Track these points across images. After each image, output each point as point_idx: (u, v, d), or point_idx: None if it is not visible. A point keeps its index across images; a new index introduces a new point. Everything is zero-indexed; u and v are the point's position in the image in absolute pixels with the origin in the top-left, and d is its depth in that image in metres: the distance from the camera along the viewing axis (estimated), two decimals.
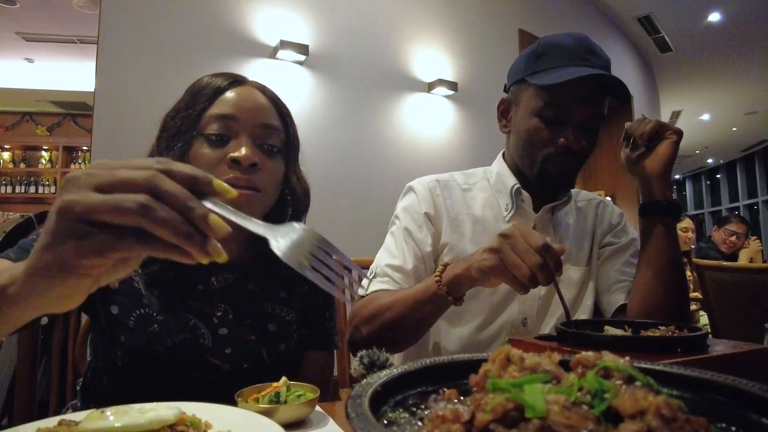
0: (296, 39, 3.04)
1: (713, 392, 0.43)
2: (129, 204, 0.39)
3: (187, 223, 0.40)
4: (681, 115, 8.77)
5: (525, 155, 1.08)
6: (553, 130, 1.03)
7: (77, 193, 0.40)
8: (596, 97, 1.02)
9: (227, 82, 0.88)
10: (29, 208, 4.41)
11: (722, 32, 5.88)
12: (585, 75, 0.96)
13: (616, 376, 0.40)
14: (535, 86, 1.04)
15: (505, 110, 1.16)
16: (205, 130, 0.84)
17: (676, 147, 1.02)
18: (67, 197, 0.39)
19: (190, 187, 0.41)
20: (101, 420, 0.52)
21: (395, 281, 1.06)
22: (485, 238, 1.10)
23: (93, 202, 0.39)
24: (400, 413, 0.45)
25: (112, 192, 0.40)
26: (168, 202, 0.39)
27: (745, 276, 1.98)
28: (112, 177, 0.40)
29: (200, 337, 0.84)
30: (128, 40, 2.58)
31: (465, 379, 0.49)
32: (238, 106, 0.86)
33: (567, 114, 1.02)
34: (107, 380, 0.85)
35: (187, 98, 0.88)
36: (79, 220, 0.39)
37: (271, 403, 0.65)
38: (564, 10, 4.91)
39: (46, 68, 5.71)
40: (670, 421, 0.34)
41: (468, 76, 3.83)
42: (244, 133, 0.85)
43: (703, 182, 14.06)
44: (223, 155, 0.83)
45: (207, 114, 0.85)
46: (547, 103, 1.02)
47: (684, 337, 0.67)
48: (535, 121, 1.04)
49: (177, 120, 0.87)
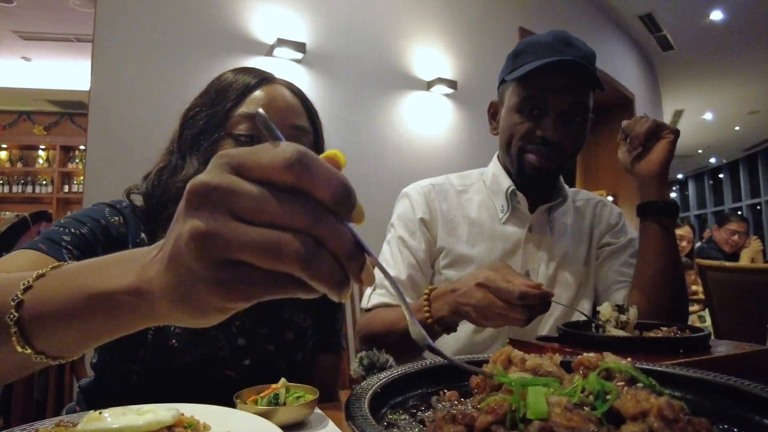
0: (293, 37, 3.02)
1: (715, 393, 0.42)
2: (290, 254, 0.30)
3: (342, 270, 0.32)
4: (683, 114, 8.77)
5: (507, 152, 1.09)
6: (531, 123, 1.03)
7: (218, 220, 0.30)
8: (573, 87, 1.01)
9: (256, 80, 0.85)
10: (26, 208, 4.38)
11: (724, 30, 5.88)
12: (551, 61, 0.96)
13: (618, 378, 0.40)
14: (513, 83, 1.05)
15: (494, 113, 1.17)
16: (234, 130, 0.82)
17: (673, 146, 1.01)
18: (206, 226, 0.30)
19: (335, 206, 0.31)
20: (99, 421, 0.52)
21: (392, 293, 1.07)
22: (481, 240, 1.10)
23: (243, 242, 0.30)
24: (400, 415, 0.44)
25: (258, 219, 0.30)
26: (330, 248, 0.31)
27: (747, 276, 1.98)
28: (264, 209, 0.30)
29: (219, 350, 0.81)
30: (124, 38, 2.56)
31: (465, 381, 0.49)
32: (269, 106, 0.83)
33: (543, 105, 1.02)
34: (118, 389, 0.82)
35: (213, 95, 0.85)
36: (222, 257, 0.30)
37: (270, 404, 0.64)
38: (565, 7, 4.90)
39: (44, 67, 5.69)
40: (672, 423, 0.34)
41: (468, 74, 3.82)
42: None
43: (705, 182, 14.02)
44: None
45: (235, 113, 0.82)
46: (524, 97, 1.03)
47: (686, 338, 0.67)
48: (516, 116, 1.05)
49: (201, 117, 0.83)
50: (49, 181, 6.17)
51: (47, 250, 0.70)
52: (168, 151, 0.87)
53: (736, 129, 9.95)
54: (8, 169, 6.21)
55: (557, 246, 1.12)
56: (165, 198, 0.81)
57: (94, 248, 0.75)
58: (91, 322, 0.38)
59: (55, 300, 0.39)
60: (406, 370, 0.50)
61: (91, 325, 0.38)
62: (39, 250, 0.69)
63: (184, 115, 0.87)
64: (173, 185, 0.80)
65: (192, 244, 0.30)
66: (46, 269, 0.41)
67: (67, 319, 0.38)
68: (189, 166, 0.81)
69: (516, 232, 1.11)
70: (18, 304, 0.39)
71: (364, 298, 1.12)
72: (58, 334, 0.39)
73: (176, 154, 0.84)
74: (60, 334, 0.39)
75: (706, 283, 2.00)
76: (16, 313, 0.39)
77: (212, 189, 0.30)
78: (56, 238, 0.72)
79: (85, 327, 0.39)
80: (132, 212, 0.83)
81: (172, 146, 0.86)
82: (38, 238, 0.72)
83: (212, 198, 0.30)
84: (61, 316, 0.38)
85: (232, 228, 0.30)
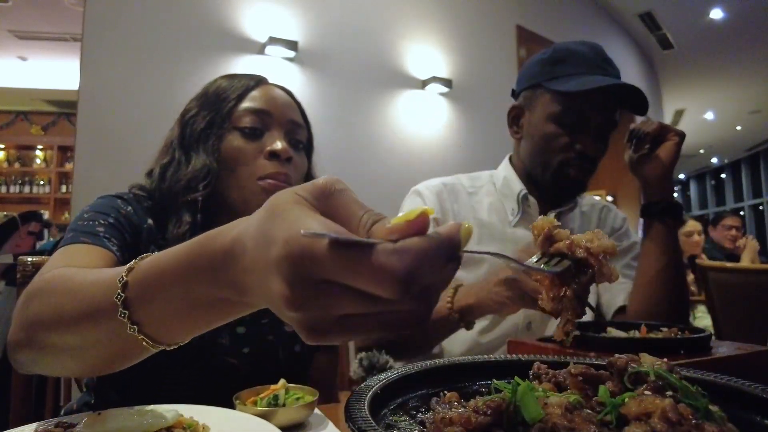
0: (285, 35, 2.99)
1: (716, 394, 0.42)
2: (402, 326, 0.31)
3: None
4: (684, 113, 8.78)
5: (540, 160, 1.09)
6: (570, 136, 1.05)
7: (325, 320, 0.31)
8: (612, 106, 1.05)
9: (254, 81, 0.91)
10: (24, 208, 4.35)
11: (725, 29, 5.88)
12: (610, 84, 0.99)
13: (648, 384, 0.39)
14: (553, 92, 1.05)
15: (516, 116, 1.16)
16: (239, 123, 0.86)
17: (678, 148, 1.03)
18: (313, 325, 0.31)
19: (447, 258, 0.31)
20: (98, 423, 0.52)
21: None
22: (491, 243, 1.10)
23: (351, 328, 0.31)
24: (400, 416, 0.44)
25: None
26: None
27: (749, 277, 1.98)
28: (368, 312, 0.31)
29: (219, 335, 0.83)
30: (114, 36, 2.53)
31: (466, 382, 0.49)
32: (271, 101, 0.89)
33: (584, 120, 1.04)
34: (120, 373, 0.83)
35: (212, 97, 0.90)
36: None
37: (270, 405, 0.64)
38: (563, 6, 4.88)
39: (40, 66, 5.67)
40: (675, 425, 0.33)
41: (463, 72, 3.81)
42: (277, 127, 0.88)
43: (707, 182, 14.02)
44: (258, 148, 0.86)
45: (239, 108, 0.87)
46: (567, 109, 1.04)
47: (687, 338, 0.67)
48: (552, 126, 1.06)
49: (203, 115, 0.88)
50: (47, 182, 6.14)
51: (91, 241, 0.72)
52: (166, 149, 0.90)
53: (738, 129, 9.96)
54: (5, 169, 6.18)
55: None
56: (173, 191, 0.85)
57: (124, 235, 0.79)
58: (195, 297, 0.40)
59: (158, 294, 0.42)
60: (406, 371, 0.50)
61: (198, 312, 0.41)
62: (82, 242, 0.71)
63: (182, 116, 0.91)
64: (182, 178, 0.84)
65: (300, 330, 0.32)
66: (136, 261, 0.44)
67: (171, 298, 0.41)
68: (196, 160, 0.85)
69: (526, 235, 1.12)
70: (124, 285, 0.43)
71: None
72: (163, 313, 0.42)
73: (179, 151, 0.88)
74: (165, 312, 0.42)
75: (707, 284, 2.00)
76: (123, 294, 0.42)
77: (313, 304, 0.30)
78: (92, 230, 0.74)
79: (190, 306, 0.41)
80: (137, 202, 0.86)
81: (171, 145, 0.89)
82: (71, 235, 0.73)
83: (316, 305, 0.30)
84: (166, 297, 0.42)
85: (337, 326, 0.31)
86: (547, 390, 0.42)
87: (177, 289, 0.40)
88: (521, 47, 4.17)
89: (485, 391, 0.44)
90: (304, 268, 0.29)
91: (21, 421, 0.92)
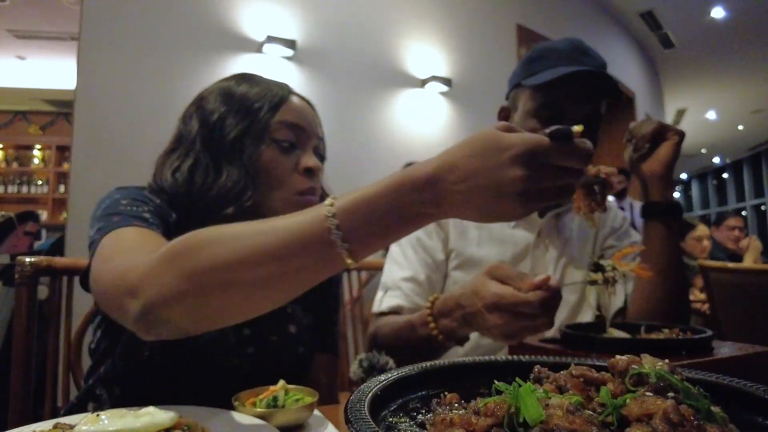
0: (283, 34, 2.99)
1: (718, 395, 0.42)
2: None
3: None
4: (686, 112, 8.78)
5: None
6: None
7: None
8: (590, 96, 1.03)
9: (285, 91, 0.89)
10: (22, 208, 4.33)
11: (726, 28, 5.89)
12: (574, 71, 0.97)
13: (649, 386, 0.39)
14: (530, 89, 1.04)
15: (505, 118, 1.16)
16: (277, 136, 0.85)
17: (678, 148, 1.02)
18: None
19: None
20: (96, 424, 0.51)
21: (407, 294, 1.06)
22: (491, 244, 1.10)
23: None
24: (400, 418, 0.44)
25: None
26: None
27: (751, 278, 1.97)
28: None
29: (225, 336, 0.83)
30: (111, 35, 2.52)
31: (466, 383, 0.49)
32: (303, 116, 0.88)
33: (561, 113, 1.02)
34: (125, 367, 0.82)
35: (242, 103, 0.85)
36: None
37: (269, 407, 0.64)
38: (564, 5, 4.88)
39: (39, 66, 5.66)
40: (677, 426, 0.33)
41: (463, 72, 3.81)
42: (309, 143, 0.88)
43: (709, 182, 14.01)
44: (292, 163, 0.85)
45: (275, 120, 0.85)
46: (542, 103, 1.03)
47: (689, 339, 0.67)
48: (532, 122, 1.04)
49: (234, 123, 0.84)
50: (45, 181, 6.14)
51: (144, 225, 0.71)
52: (183, 147, 0.86)
53: (740, 128, 9.96)
54: (3, 169, 6.17)
55: (564, 250, 1.13)
56: (205, 197, 0.82)
57: (163, 224, 0.78)
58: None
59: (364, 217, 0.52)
60: (406, 373, 0.49)
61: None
62: (135, 226, 0.70)
63: (204, 115, 0.86)
64: (215, 187, 0.82)
65: (512, 201, 0.51)
66: (328, 201, 0.53)
67: (381, 217, 0.52)
68: (230, 170, 0.83)
69: (525, 236, 1.12)
70: (332, 215, 0.51)
71: (375, 301, 1.10)
72: (370, 231, 0.52)
73: (204, 154, 0.84)
74: (371, 230, 0.52)
75: (709, 285, 1.99)
76: (339, 231, 0.51)
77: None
78: (140, 215, 0.74)
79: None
80: (157, 195, 0.85)
81: (193, 144, 0.86)
82: (119, 219, 0.71)
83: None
84: (377, 216, 0.52)
85: (538, 195, 0.52)
86: (548, 391, 0.41)
87: (388, 207, 0.51)
88: (521, 46, 4.17)
89: (486, 392, 0.44)
90: (536, 155, 0.50)
91: (20, 421, 0.92)
